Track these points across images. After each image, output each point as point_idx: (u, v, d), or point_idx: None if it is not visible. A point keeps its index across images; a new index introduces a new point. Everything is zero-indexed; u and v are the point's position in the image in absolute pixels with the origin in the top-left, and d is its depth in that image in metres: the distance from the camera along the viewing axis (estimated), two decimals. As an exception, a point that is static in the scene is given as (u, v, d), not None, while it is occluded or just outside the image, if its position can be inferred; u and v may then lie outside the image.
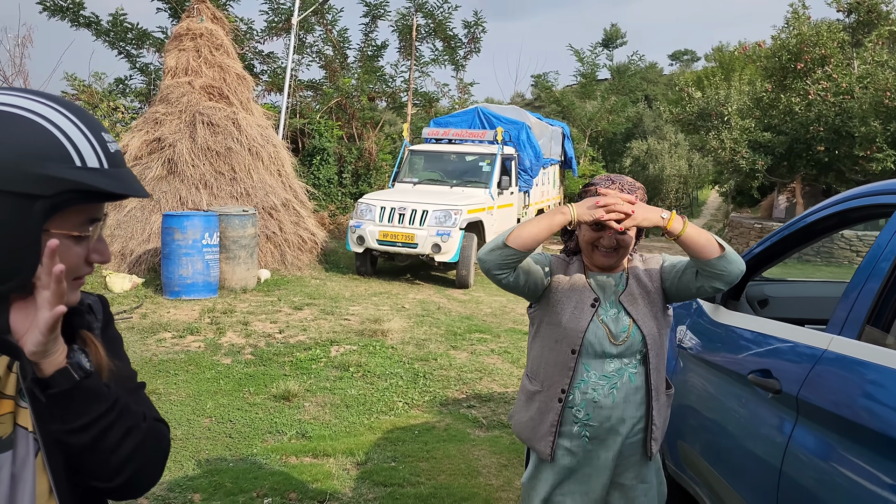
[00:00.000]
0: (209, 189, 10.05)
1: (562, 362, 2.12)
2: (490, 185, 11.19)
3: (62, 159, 0.94)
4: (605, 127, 25.82)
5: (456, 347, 6.98)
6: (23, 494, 1.00)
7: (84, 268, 1.03)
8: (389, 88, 19.15)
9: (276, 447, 4.46)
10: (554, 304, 2.15)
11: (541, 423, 2.17)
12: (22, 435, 1.01)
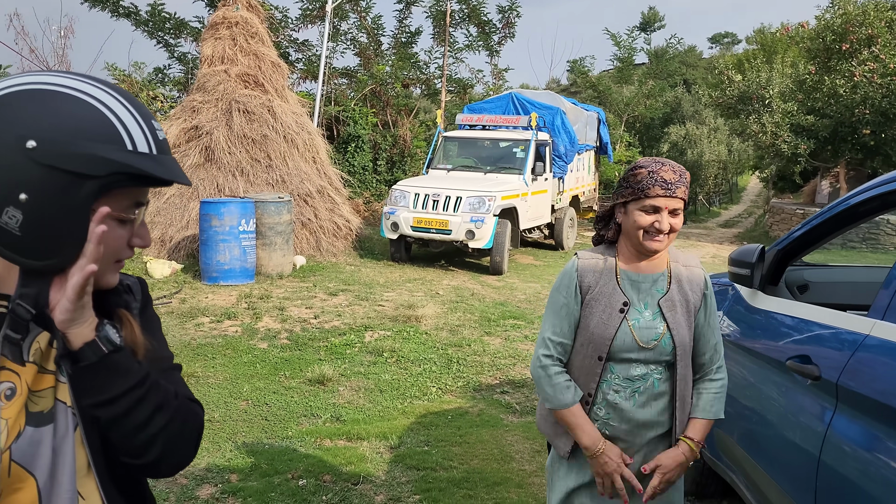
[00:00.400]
0: (245, 176, 10.17)
1: (589, 367, 2.05)
2: (524, 171, 11.11)
3: (114, 142, 0.97)
4: (642, 112, 25.46)
5: (490, 333, 6.98)
6: (63, 468, 1.02)
7: (125, 251, 1.06)
8: (423, 75, 19.12)
9: (311, 430, 4.52)
10: (585, 310, 2.07)
11: None
12: (62, 409, 1.04)
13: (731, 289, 3.44)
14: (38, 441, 1.01)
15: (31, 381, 1.03)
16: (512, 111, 12.89)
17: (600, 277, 2.06)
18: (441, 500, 3.60)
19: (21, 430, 1.00)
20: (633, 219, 2.00)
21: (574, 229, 13.50)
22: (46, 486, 1.02)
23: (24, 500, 1.00)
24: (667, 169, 1.96)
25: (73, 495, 1.04)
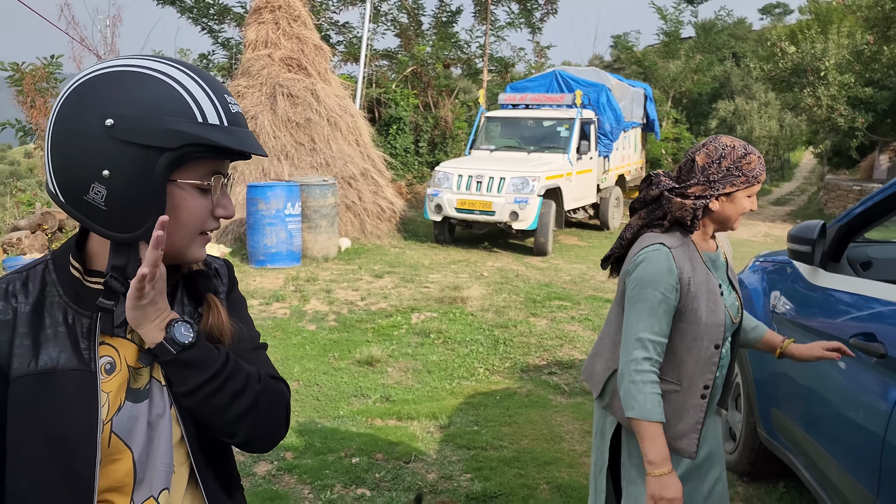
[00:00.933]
0: (290, 160, 10.27)
1: (705, 359, 2.00)
2: (569, 150, 10.97)
3: (185, 115, 1.01)
4: (689, 87, 24.85)
5: (536, 315, 6.94)
6: (158, 442, 1.09)
7: (210, 222, 1.10)
8: (464, 55, 18.98)
9: (362, 410, 4.57)
10: (688, 302, 1.98)
11: (678, 421, 2.02)
12: (157, 387, 1.10)
13: (789, 266, 3.35)
14: (136, 416, 1.07)
15: (130, 358, 1.09)
16: (556, 89, 12.71)
17: (694, 266, 2.00)
18: (492, 479, 3.61)
19: (121, 404, 1.06)
20: (742, 204, 1.99)
21: (620, 209, 13.30)
22: (142, 458, 1.07)
23: (121, 470, 1.06)
24: (761, 157, 2.00)
25: (168, 468, 1.10)
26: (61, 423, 1.02)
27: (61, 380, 1.02)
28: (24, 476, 1.03)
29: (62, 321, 1.05)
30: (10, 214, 12.80)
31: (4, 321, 1.03)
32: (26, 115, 12.22)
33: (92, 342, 1.05)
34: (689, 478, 2.09)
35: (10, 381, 1.02)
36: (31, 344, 1.03)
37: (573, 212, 11.81)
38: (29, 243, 8.93)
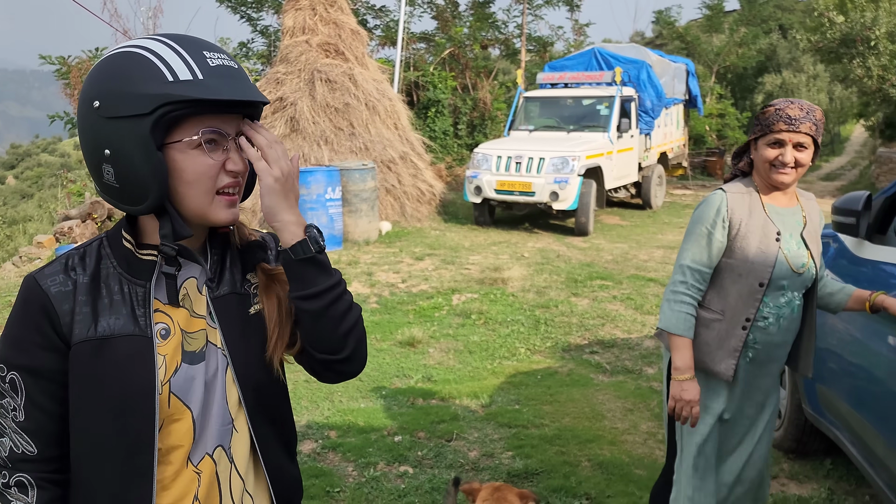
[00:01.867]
0: (329, 145, 10.35)
1: (748, 293, 2.22)
2: (609, 128, 10.84)
3: (154, 78, 1.03)
4: (733, 62, 24.22)
5: (577, 294, 6.91)
6: (214, 402, 1.14)
7: (222, 178, 1.10)
8: (502, 35, 18.81)
9: (404, 389, 4.63)
10: (737, 241, 2.22)
11: (720, 348, 2.26)
12: (213, 350, 1.15)
13: (832, 240, 3.27)
14: (192, 377, 1.13)
15: (183, 324, 1.15)
16: (595, 67, 12.53)
17: (750, 210, 2.22)
18: (533, 457, 3.63)
19: (178, 366, 1.12)
20: (761, 153, 2.18)
21: (663, 187, 13.10)
22: (200, 417, 1.13)
23: (182, 429, 1.12)
24: (793, 106, 2.11)
25: (225, 427, 1.16)
26: (120, 385, 1.07)
27: (119, 344, 1.08)
28: (86, 438, 1.10)
29: (118, 291, 1.11)
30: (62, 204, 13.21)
31: (65, 291, 1.09)
32: (74, 107, 12.55)
33: (147, 309, 1.11)
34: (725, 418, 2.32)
35: (71, 346, 1.08)
36: (90, 311, 1.09)
37: (614, 191, 11.68)
38: (80, 232, 9.21)
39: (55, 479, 1.12)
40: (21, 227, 13.66)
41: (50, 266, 1.13)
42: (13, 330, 1.11)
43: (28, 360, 1.09)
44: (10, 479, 1.10)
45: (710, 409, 2.31)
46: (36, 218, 15.53)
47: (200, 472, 1.14)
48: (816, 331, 3.05)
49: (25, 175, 33.34)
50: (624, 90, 11.36)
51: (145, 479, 1.09)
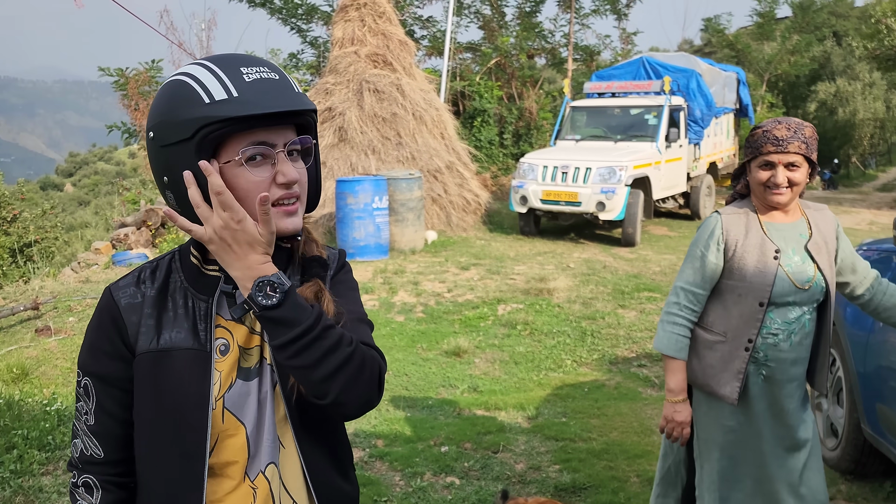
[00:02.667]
0: (377, 154, 10.47)
1: (749, 314, 2.21)
2: (657, 138, 10.71)
3: (193, 102, 1.05)
4: (785, 70, 23.70)
5: (624, 306, 6.84)
6: (266, 418, 1.15)
7: (274, 191, 1.09)
8: (548, 44, 18.76)
9: (450, 400, 4.64)
10: (734, 261, 2.23)
11: (724, 371, 2.26)
12: (266, 367, 1.17)
13: (895, 256, 3.18)
14: (247, 393, 1.15)
15: (241, 340, 1.17)
16: (643, 76, 12.40)
17: (747, 230, 2.23)
18: (581, 471, 3.60)
19: (232, 382, 1.14)
20: (754, 175, 2.20)
21: (712, 198, 12.88)
22: (253, 433, 1.15)
23: (237, 444, 1.14)
24: (780, 126, 2.12)
25: (275, 444, 1.17)
26: (175, 397, 1.11)
27: (178, 357, 1.12)
28: (145, 445, 1.15)
29: (182, 305, 1.15)
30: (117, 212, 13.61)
31: (135, 304, 1.15)
32: (131, 117, 12.94)
33: (209, 324, 1.14)
34: (739, 440, 2.31)
35: (136, 356, 1.14)
36: (154, 324, 1.14)
37: (662, 201, 11.53)
38: (135, 239, 9.48)
39: (119, 482, 1.17)
40: (78, 233, 14.12)
41: (125, 278, 1.19)
42: (89, 338, 1.18)
43: (98, 367, 1.15)
44: (79, 480, 1.16)
45: (723, 425, 2.32)
46: (92, 224, 16.03)
47: (256, 487, 1.16)
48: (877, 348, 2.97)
49: (83, 183, 34.44)
50: (673, 99, 11.23)
51: (196, 492, 1.11)
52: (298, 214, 1.14)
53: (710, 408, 2.34)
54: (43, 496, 3.41)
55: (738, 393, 2.24)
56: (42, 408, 4.27)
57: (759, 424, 2.28)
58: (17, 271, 9.80)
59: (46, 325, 6.25)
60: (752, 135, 2.20)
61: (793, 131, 2.11)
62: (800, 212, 2.28)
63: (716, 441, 2.34)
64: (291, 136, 1.11)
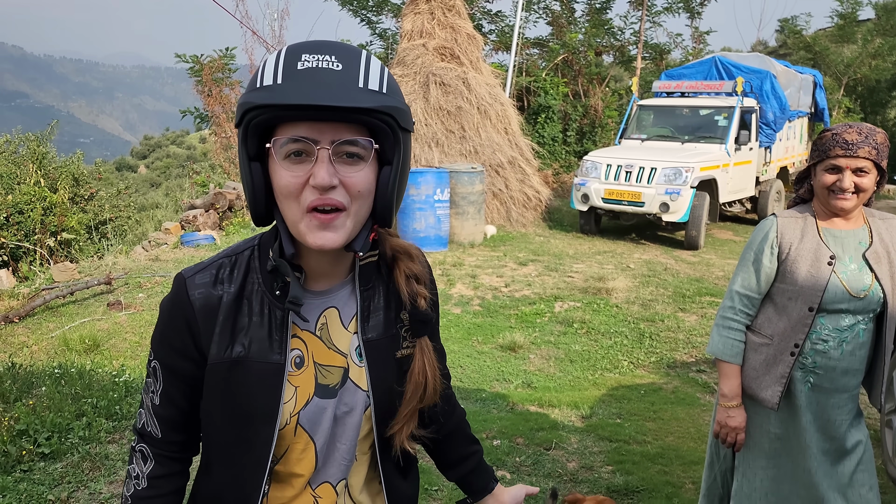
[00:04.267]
0: (440, 147, 10.51)
1: (797, 319, 2.17)
2: (726, 140, 10.43)
3: (250, 86, 1.00)
4: (865, 74, 22.78)
5: (685, 310, 6.70)
6: (343, 437, 1.15)
7: (307, 194, 0.99)
8: (617, 42, 18.47)
9: (503, 394, 4.64)
10: (787, 265, 2.20)
11: (766, 374, 2.23)
12: (351, 388, 1.14)
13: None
14: (322, 410, 1.13)
15: (317, 354, 1.13)
16: (715, 76, 12.08)
17: (803, 234, 2.19)
18: (635, 473, 3.56)
19: (309, 398, 1.12)
20: (819, 179, 2.14)
21: (781, 203, 12.47)
22: (323, 449, 1.14)
23: (305, 458, 1.14)
24: (851, 131, 2.06)
25: (349, 462, 1.18)
26: (247, 406, 1.08)
27: (251, 367, 1.08)
28: (215, 445, 1.15)
29: (258, 311, 1.10)
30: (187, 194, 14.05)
31: (210, 306, 1.09)
32: (203, 103, 13.31)
33: (285, 334, 1.09)
34: (780, 451, 2.27)
35: (208, 362, 1.10)
36: (229, 332, 1.09)
37: (728, 205, 11.23)
38: (203, 221, 9.77)
39: (173, 457, 1.18)
40: (149, 213, 14.62)
41: (201, 273, 1.11)
42: (161, 327, 1.14)
43: (169, 358, 1.13)
44: (137, 446, 1.18)
45: (769, 433, 2.28)
46: (162, 205, 16.57)
47: (319, 497, 1.16)
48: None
49: (155, 165, 35.64)
50: (745, 101, 10.91)
51: (256, 491, 1.12)
52: (338, 229, 1.01)
53: (755, 413, 2.30)
54: (109, 463, 3.56)
55: (779, 397, 2.20)
56: (111, 378, 4.46)
57: (806, 437, 2.21)
58: (93, 247, 10.23)
59: (118, 299, 6.51)
60: (820, 137, 2.14)
61: (864, 136, 2.05)
62: (863, 220, 2.21)
63: (761, 448, 2.29)
64: (345, 134, 0.98)
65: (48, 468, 3.48)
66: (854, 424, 2.22)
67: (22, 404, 3.93)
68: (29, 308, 6.22)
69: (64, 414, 3.89)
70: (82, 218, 10.38)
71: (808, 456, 2.21)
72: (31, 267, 8.65)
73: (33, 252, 9.16)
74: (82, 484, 3.38)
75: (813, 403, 2.20)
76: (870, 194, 2.12)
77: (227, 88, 13.23)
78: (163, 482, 1.16)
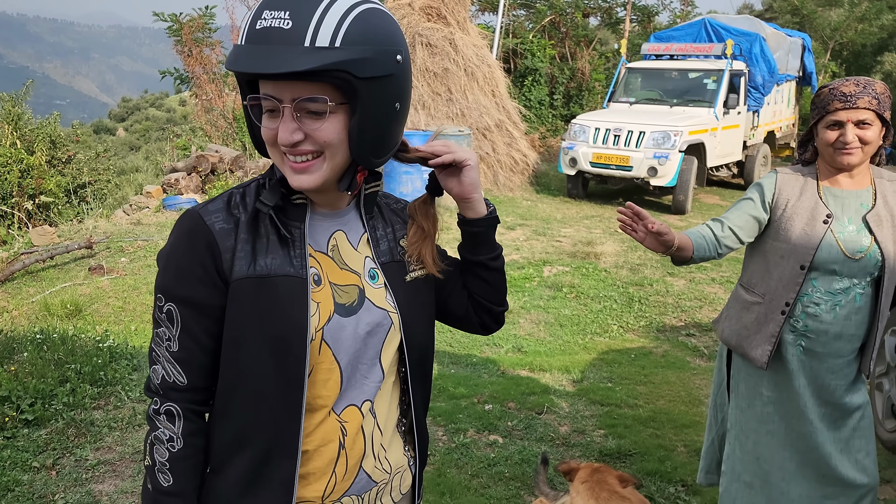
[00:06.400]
0: (427, 110, 10.35)
1: (788, 277, 2.13)
2: (715, 104, 10.35)
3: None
4: (851, 38, 22.73)
5: (673, 274, 6.70)
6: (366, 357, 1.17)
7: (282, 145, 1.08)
8: (605, 3, 18.24)
9: (494, 359, 4.61)
10: (782, 222, 2.15)
11: (757, 333, 2.19)
12: (369, 308, 1.17)
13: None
14: (343, 327, 1.14)
15: (331, 275, 1.16)
16: (704, 39, 11.94)
17: (802, 191, 2.14)
18: (626, 437, 3.55)
19: (331, 315, 1.13)
20: (822, 137, 2.08)
21: (767, 168, 12.47)
22: (347, 369, 1.15)
23: (330, 379, 1.14)
24: (848, 83, 2.01)
25: (376, 384, 1.19)
26: (278, 324, 1.09)
27: (277, 284, 1.10)
28: (244, 369, 1.11)
29: (274, 231, 1.13)
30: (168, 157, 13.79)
31: (228, 229, 1.11)
32: (184, 63, 13.00)
33: (303, 251, 1.13)
34: (773, 414, 2.23)
35: (231, 282, 1.10)
36: (250, 249, 1.11)
37: (716, 169, 11.21)
38: (185, 184, 9.59)
39: (199, 410, 1.15)
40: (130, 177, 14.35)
41: (213, 203, 1.15)
42: (176, 262, 1.11)
43: (188, 292, 1.10)
44: (161, 407, 1.12)
45: (761, 395, 2.25)
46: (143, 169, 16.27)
47: (345, 421, 1.16)
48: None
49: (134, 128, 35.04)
50: (734, 64, 10.82)
51: (294, 421, 1.11)
52: (314, 172, 1.08)
53: (749, 375, 2.27)
54: (94, 429, 3.50)
55: (768, 356, 2.16)
56: (95, 344, 4.37)
57: (800, 401, 2.17)
58: (72, 211, 10.03)
59: (99, 263, 6.39)
60: (818, 95, 2.09)
61: (862, 87, 1.99)
62: (869, 180, 2.13)
63: (754, 411, 2.27)
64: (304, 92, 1.03)
65: (32, 435, 3.41)
66: (851, 389, 2.18)
67: (3, 370, 3.84)
68: (8, 272, 6.09)
69: (47, 380, 3.80)
70: (60, 181, 10.15)
71: (804, 421, 2.18)
72: (10, 231, 8.46)
73: (11, 216, 8.97)
74: (67, 450, 3.32)
75: (806, 367, 2.16)
76: (875, 147, 2.05)
77: (207, 49, 12.92)
78: (196, 439, 1.14)
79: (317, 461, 1.15)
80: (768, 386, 2.23)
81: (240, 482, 1.13)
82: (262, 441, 1.12)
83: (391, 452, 1.24)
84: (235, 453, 1.14)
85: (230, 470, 1.14)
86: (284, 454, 1.12)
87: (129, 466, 3.22)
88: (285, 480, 1.12)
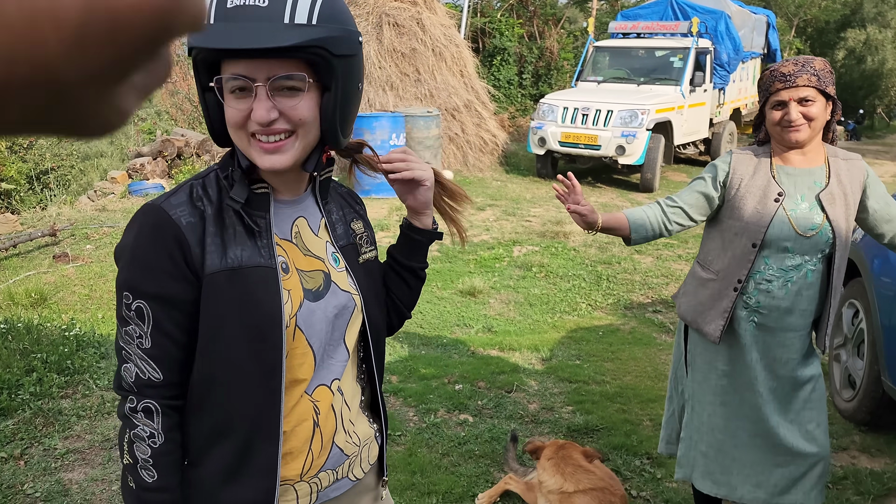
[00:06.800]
0: (395, 91, 10.29)
1: (741, 255, 2.19)
2: (681, 82, 10.45)
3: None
4: (815, 14, 23.03)
5: (640, 252, 6.79)
6: (335, 338, 1.23)
7: (251, 124, 1.07)
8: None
9: (464, 339, 4.66)
10: (736, 200, 2.20)
11: (711, 308, 2.25)
12: (335, 292, 1.23)
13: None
14: (313, 312, 1.19)
15: (297, 261, 1.20)
16: (670, 17, 12.03)
17: (755, 170, 2.19)
18: (594, 413, 3.62)
19: (301, 301, 1.18)
20: (769, 118, 2.14)
21: (734, 145, 12.64)
22: (320, 351, 1.21)
23: (304, 363, 1.19)
24: (787, 64, 2.08)
25: (342, 363, 1.25)
26: (254, 314, 1.12)
27: (248, 275, 1.12)
28: (220, 361, 1.12)
29: (239, 222, 1.14)
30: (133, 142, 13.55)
31: (194, 223, 1.11)
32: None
33: (269, 240, 1.16)
34: (729, 388, 2.30)
35: (204, 277, 1.10)
36: (220, 242, 1.12)
37: (683, 147, 11.34)
38: (151, 169, 9.45)
39: (176, 405, 1.15)
40: (94, 162, 14.08)
41: (175, 196, 1.13)
42: (143, 258, 1.10)
43: (158, 288, 1.09)
44: (138, 405, 1.12)
45: (717, 369, 2.32)
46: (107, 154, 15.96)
47: (317, 401, 1.21)
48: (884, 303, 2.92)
49: (97, 111, 34.31)
50: (700, 42, 10.91)
51: (275, 405, 1.15)
52: (286, 151, 1.09)
53: (704, 349, 2.34)
54: (62, 419, 3.48)
55: (720, 331, 2.22)
56: (61, 333, 4.32)
57: (751, 374, 2.24)
58: (35, 198, 9.84)
59: (64, 251, 6.29)
60: (761, 78, 2.16)
61: (800, 66, 2.06)
62: (822, 158, 2.18)
63: (709, 384, 2.34)
64: (279, 70, 1.04)
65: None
66: (804, 363, 2.25)
67: (-33, 362, 3.78)
68: (-31, 262, 5.97)
69: (13, 370, 3.76)
70: (22, 167, 9.94)
71: (755, 393, 2.25)
72: (-30, 219, 8.27)
73: (-29, 204, 8.77)
74: (36, 440, 3.30)
75: (759, 342, 2.22)
76: (822, 122, 2.10)
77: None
78: (175, 434, 1.15)
79: (293, 441, 1.18)
80: (723, 360, 2.29)
81: (222, 472, 1.16)
82: (243, 429, 1.14)
83: (359, 426, 1.30)
84: (215, 444, 1.15)
85: (210, 461, 1.16)
86: (265, 439, 1.15)
87: (98, 454, 3.21)
88: (268, 464, 1.16)
